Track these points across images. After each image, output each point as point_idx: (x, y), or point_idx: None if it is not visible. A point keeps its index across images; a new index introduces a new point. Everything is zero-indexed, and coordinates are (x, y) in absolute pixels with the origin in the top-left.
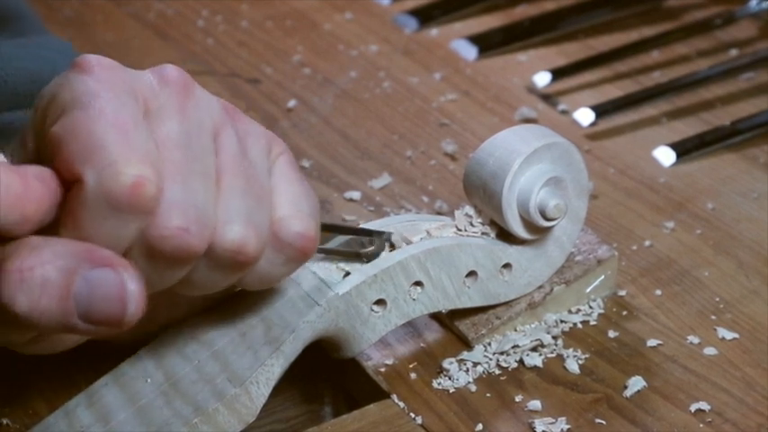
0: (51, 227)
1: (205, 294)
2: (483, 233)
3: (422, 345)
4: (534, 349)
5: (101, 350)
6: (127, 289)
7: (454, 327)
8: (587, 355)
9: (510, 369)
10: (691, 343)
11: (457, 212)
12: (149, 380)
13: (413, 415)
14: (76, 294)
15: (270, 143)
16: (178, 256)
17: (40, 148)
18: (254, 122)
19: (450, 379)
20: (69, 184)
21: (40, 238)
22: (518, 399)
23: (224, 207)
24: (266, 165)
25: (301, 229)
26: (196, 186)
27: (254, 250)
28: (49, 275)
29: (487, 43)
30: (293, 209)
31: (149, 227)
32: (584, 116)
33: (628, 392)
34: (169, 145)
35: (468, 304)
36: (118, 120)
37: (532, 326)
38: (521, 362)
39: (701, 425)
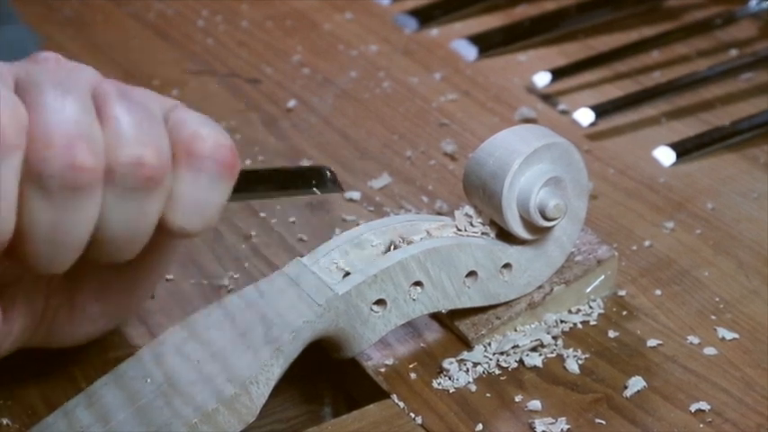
0: None
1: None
2: (483, 233)
3: (422, 345)
4: (534, 349)
5: (101, 350)
6: None
7: (454, 327)
8: (587, 355)
9: (510, 369)
10: (691, 343)
11: (457, 212)
12: (149, 380)
13: (413, 415)
14: None
15: (163, 101)
16: (70, 175)
17: None
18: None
19: (450, 379)
20: None
21: None
22: (518, 399)
23: (113, 131)
24: (158, 108)
25: (217, 140)
26: (79, 115)
27: (155, 160)
28: None
29: (487, 43)
30: (201, 124)
31: (33, 153)
32: (584, 116)
33: (628, 392)
34: (42, 93)
35: (468, 304)
36: None
37: (532, 326)
38: (521, 362)
39: (701, 425)
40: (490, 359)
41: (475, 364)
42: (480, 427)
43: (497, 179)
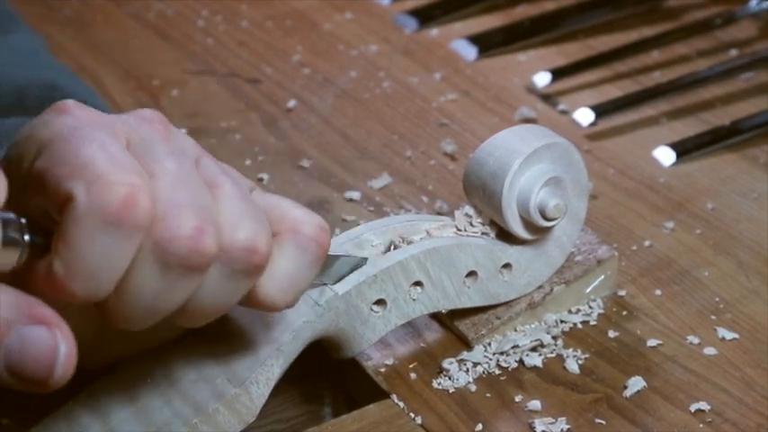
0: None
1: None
2: (483, 233)
3: (422, 345)
4: (534, 349)
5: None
6: (58, 351)
7: (454, 327)
8: (587, 355)
9: (510, 369)
10: (691, 343)
11: (457, 212)
12: (149, 380)
13: (413, 415)
14: (8, 347)
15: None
16: (194, 259)
17: (19, 189)
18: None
19: (450, 379)
20: (60, 209)
21: None
22: (518, 399)
23: (227, 210)
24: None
25: (320, 223)
26: (198, 190)
27: (265, 247)
28: None
29: (487, 43)
30: (294, 206)
31: (161, 231)
32: (584, 116)
33: (628, 392)
34: (161, 159)
35: (468, 304)
36: (103, 142)
37: (532, 326)
38: (521, 362)
39: (701, 425)
40: (490, 359)
41: (475, 364)
42: (480, 427)
43: (497, 179)
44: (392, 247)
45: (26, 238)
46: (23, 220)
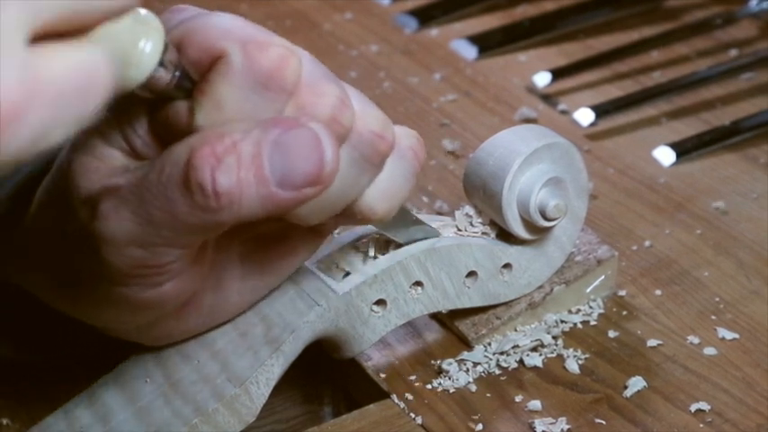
0: None
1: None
2: (483, 233)
3: (422, 345)
4: (534, 349)
5: (101, 350)
6: (321, 141)
7: (454, 327)
8: (587, 356)
9: (510, 369)
10: (691, 343)
11: (457, 212)
12: (149, 380)
13: (413, 415)
14: (272, 160)
15: None
16: (334, 129)
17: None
18: None
19: (450, 379)
20: (208, 67)
21: (222, 126)
22: (518, 399)
23: (354, 98)
24: None
25: (419, 139)
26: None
27: (392, 137)
28: (242, 150)
29: (487, 43)
30: (397, 127)
31: (305, 96)
32: (584, 116)
33: (628, 392)
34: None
35: (468, 304)
36: (245, 22)
37: (532, 326)
38: (521, 362)
39: (701, 425)
40: (490, 359)
41: (475, 364)
42: (480, 427)
43: (497, 179)
44: (392, 248)
45: (177, 74)
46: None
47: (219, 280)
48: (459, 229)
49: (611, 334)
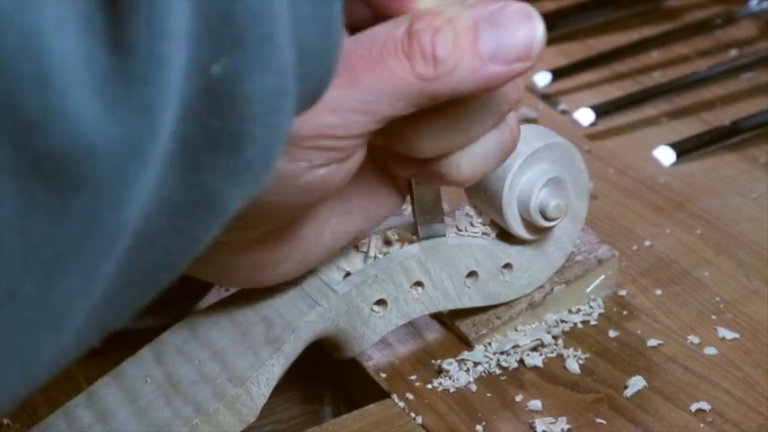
0: None
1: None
2: (483, 233)
3: (422, 345)
4: (535, 349)
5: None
6: (532, 18)
7: (455, 327)
8: (588, 355)
9: (510, 369)
10: (691, 343)
11: (457, 212)
12: (149, 380)
13: (413, 415)
14: (485, 34)
15: None
16: (507, 106)
17: None
18: None
19: (450, 379)
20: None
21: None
22: (518, 399)
23: None
24: None
25: (517, 123)
26: None
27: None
28: (458, 23)
29: None
30: None
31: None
32: (584, 116)
33: (628, 392)
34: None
35: (469, 304)
36: None
37: (533, 326)
38: (521, 362)
39: (702, 425)
40: (491, 359)
41: (475, 364)
42: (481, 427)
43: (498, 179)
44: (392, 248)
45: None
46: None
47: (318, 211)
48: (460, 229)
49: (612, 334)
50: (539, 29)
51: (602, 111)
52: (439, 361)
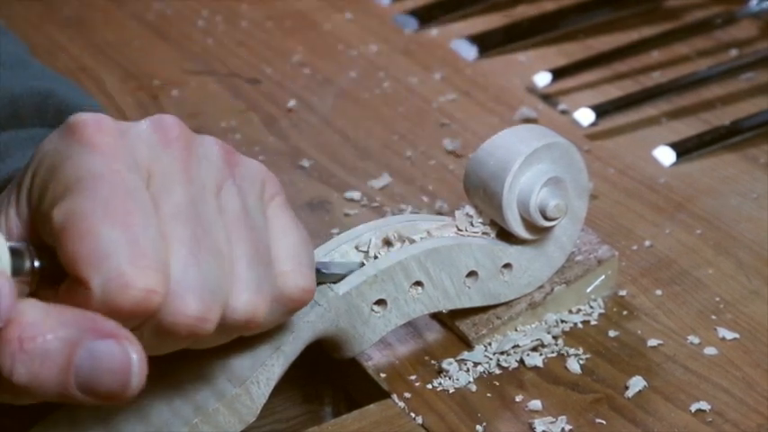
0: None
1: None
2: (483, 233)
3: (422, 345)
4: (535, 349)
5: None
6: (131, 361)
7: (455, 327)
8: (588, 355)
9: (510, 369)
10: (691, 343)
11: (457, 212)
12: (149, 380)
13: (413, 415)
14: (78, 366)
15: (264, 184)
16: (192, 337)
17: (36, 219)
18: (248, 161)
19: (450, 379)
20: (75, 282)
21: (41, 305)
22: (518, 399)
23: (235, 277)
24: (262, 210)
25: (304, 284)
26: (208, 266)
27: (263, 316)
28: (50, 346)
29: (487, 43)
30: (295, 263)
31: (165, 313)
32: (584, 116)
33: (628, 392)
34: (177, 221)
35: (469, 304)
36: (125, 215)
37: (533, 326)
38: (521, 362)
39: (702, 425)
40: (490, 359)
41: (475, 364)
42: (480, 427)
43: (498, 179)
44: (392, 247)
45: (36, 264)
46: (30, 247)
47: None
48: (460, 229)
49: (612, 334)
50: (136, 376)
51: (602, 111)
52: (439, 361)
